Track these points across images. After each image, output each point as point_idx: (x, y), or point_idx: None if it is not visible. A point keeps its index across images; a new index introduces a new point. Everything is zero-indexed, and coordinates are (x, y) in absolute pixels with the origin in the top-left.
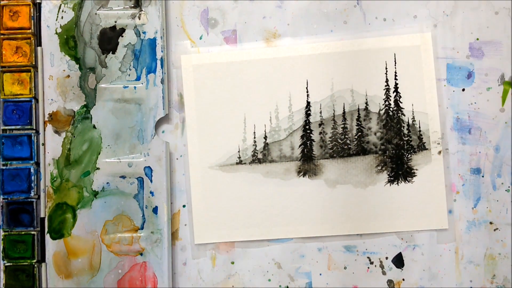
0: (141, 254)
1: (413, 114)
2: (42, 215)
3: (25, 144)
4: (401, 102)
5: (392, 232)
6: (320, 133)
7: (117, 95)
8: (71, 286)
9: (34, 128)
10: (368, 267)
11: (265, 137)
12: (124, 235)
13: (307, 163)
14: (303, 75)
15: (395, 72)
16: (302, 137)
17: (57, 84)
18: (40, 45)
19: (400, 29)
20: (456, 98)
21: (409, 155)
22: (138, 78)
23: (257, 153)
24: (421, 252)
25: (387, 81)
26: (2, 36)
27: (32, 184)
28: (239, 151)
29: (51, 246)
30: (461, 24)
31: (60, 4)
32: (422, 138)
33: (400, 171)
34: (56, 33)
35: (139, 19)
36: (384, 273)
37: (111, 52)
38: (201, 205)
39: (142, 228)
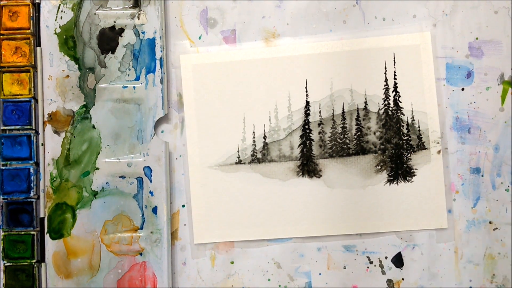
0: (141, 254)
1: (412, 113)
2: (41, 215)
3: (24, 144)
4: (401, 102)
5: (391, 231)
6: (320, 132)
7: (117, 95)
8: (71, 286)
9: (34, 128)
10: (368, 267)
11: (265, 137)
12: (124, 235)
13: (307, 163)
14: (302, 74)
15: (395, 72)
16: (301, 136)
17: (57, 84)
18: (39, 45)
19: (400, 29)
20: (456, 97)
21: (409, 155)
22: (137, 78)
23: (256, 153)
24: (421, 251)
25: (386, 80)
26: (1, 36)
27: (32, 184)
28: (238, 151)
29: (51, 246)
30: (460, 23)
31: (59, 4)
32: (422, 137)
33: (399, 170)
34: (55, 33)
35: (138, 19)
36: (383, 272)
37: (110, 52)
38: (200, 205)
39: (141, 228)
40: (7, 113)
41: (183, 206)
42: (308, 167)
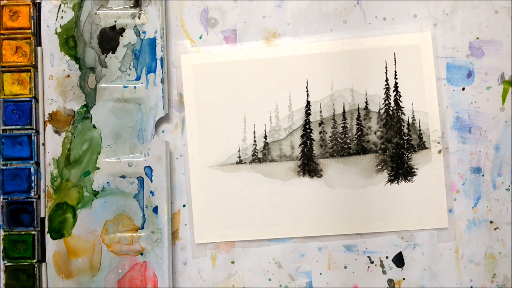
0: (142, 254)
1: (413, 113)
2: (42, 215)
3: (25, 144)
4: (401, 101)
5: (392, 231)
6: (320, 132)
7: (117, 95)
8: (72, 286)
9: (34, 128)
10: (369, 267)
11: (265, 137)
12: (124, 235)
13: (307, 163)
14: (303, 74)
15: (395, 72)
16: (302, 136)
17: (57, 84)
18: (40, 45)
19: (400, 29)
20: (456, 97)
21: (409, 154)
22: (138, 78)
23: (257, 153)
24: (421, 251)
25: (387, 80)
26: (2, 36)
27: (32, 184)
28: (239, 151)
29: (51, 246)
30: (461, 23)
31: (60, 4)
32: (422, 137)
33: (400, 170)
34: (56, 33)
35: (139, 18)
36: (384, 272)
37: (111, 52)
38: (201, 204)
39: (142, 227)
40: (8, 113)
41: (184, 206)
42: (308, 166)
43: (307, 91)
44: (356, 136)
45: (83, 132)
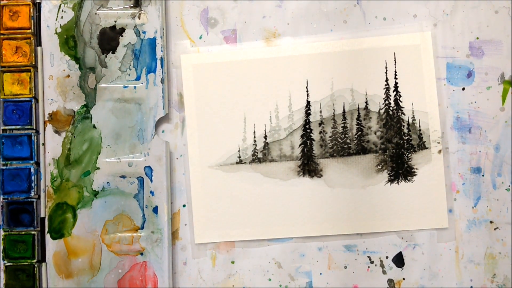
0: (142, 254)
1: (413, 113)
2: (42, 215)
3: (25, 144)
4: (401, 101)
5: (392, 231)
6: (320, 132)
7: (117, 94)
8: (72, 286)
9: (34, 128)
10: (369, 267)
11: (265, 137)
12: (124, 235)
13: (307, 163)
14: (303, 74)
15: (395, 71)
16: (302, 136)
17: (57, 84)
18: (40, 45)
19: (400, 28)
20: (456, 97)
21: (409, 154)
22: (138, 78)
23: (257, 153)
24: (421, 251)
25: (387, 80)
26: (2, 36)
27: (32, 184)
28: (239, 151)
29: (51, 246)
30: (461, 23)
31: (60, 4)
32: (422, 137)
33: (400, 170)
34: (56, 33)
35: (139, 18)
36: (384, 272)
37: (111, 52)
38: (201, 204)
39: (142, 227)
40: (8, 113)
41: (184, 206)
42: (309, 166)
43: (307, 91)
44: (356, 136)
45: (83, 132)
